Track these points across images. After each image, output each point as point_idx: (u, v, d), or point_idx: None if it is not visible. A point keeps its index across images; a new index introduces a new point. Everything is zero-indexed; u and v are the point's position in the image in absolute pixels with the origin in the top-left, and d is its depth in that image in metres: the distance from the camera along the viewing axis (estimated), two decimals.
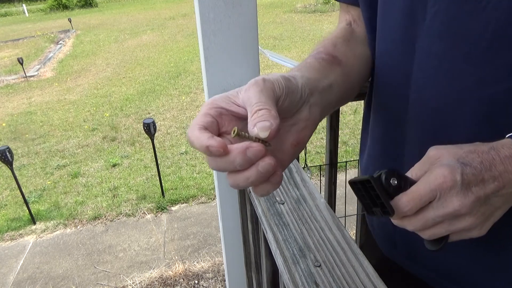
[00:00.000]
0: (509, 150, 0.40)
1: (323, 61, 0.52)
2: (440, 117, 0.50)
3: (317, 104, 0.45)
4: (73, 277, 2.53)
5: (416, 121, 0.53)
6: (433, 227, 0.41)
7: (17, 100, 6.38)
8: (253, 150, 0.35)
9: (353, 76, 0.56)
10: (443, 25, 0.45)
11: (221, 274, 2.42)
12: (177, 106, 5.47)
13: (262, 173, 0.35)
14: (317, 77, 0.48)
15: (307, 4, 13.54)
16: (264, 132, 0.35)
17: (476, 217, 0.40)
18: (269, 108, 0.37)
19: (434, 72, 0.48)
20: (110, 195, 3.47)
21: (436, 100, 0.49)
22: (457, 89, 0.46)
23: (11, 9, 21.27)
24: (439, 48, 0.47)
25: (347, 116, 4.58)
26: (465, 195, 0.39)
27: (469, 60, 0.45)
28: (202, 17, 0.78)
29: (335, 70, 0.52)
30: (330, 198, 1.61)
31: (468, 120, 0.47)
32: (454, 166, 0.39)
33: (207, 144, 0.34)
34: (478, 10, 0.42)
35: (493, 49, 0.43)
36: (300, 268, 0.52)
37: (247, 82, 0.40)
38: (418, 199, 0.39)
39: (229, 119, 0.40)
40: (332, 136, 1.51)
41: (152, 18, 13.81)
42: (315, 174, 3.14)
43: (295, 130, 0.43)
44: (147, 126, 2.95)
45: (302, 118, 0.44)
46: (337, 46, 0.56)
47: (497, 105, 0.44)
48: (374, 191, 0.41)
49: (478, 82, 0.45)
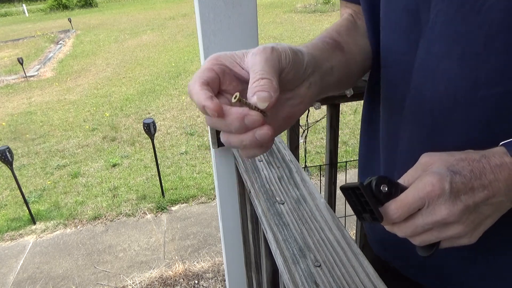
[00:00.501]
0: (500, 159, 0.40)
1: (327, 44, 0.52)
2: (435, 119, 0.50)
3: (316, 83, 0.46)
4: (73, 277, 2.53)
5: (412, 121, 0.53)
6: (423, 234, 0.41)
7: (17, 100, 6.38)
8: (251, 119, 0.35)
9: (353, 64, 0.56)
10: (442, 26, 0.46)
11: (221, 274, 2.42)
12: (177, 106, 5.47)
13: (258, 141, 0.36)
14: (322, 57, 0.48)
15: (307, 4, 13.54)
16: (263, 103, 0.35)
17: (465, 225, 0.40)
18: (271, 78, 0.37)
19: (432, 73, 0.48)
20: (110, 195, 3.47)
21: (431, 101, 0.49)
22: (452, 91, 0.47)
23: (11, 9, 21.27)
24: (438, 49, 0.47)
25: (347, 116, 4.58)
26: (453, 203, 0.39)
27: (463, 63, 0.45)
28: (202, 17, 0.78)
29: (337, 55, 0.52)
30: (330, 198, 1.62)
31: (461, 123, 0.47)
32: (443, 174, 0.39)
33: (204, 103, 0.35)
34: (473, 13, 0.42)
35: (485, 53, 0.43)
36: (300, 268, 0.52)
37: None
38: (406, 206, 0.40)
39: (230, 78, 0.40)
40: (332, 136, 1.51)
41: (152, 18, 13.81)
42: (315, 174, 3.14)
43: (290, 104, 0.44)
44: (147, 126, 2.95)
45: (300, 94, 0.44)
46: (341, 33, 0.57)
47: (490, 109, 0.44)
48: (364, 198, 0.41)
49: (471, 84, 0.45)
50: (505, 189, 0.40)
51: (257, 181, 0.73)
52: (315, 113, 2.86)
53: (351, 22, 0.61)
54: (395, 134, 0.57)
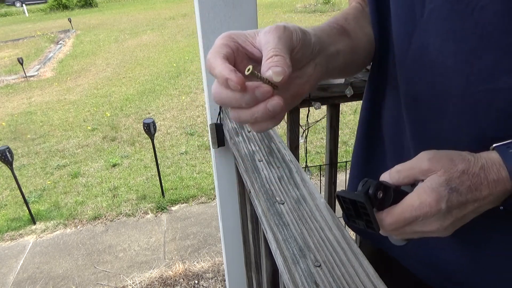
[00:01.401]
0: (497, 174, 0.41)
1: (334, 29, 0.53)
2: (427, 112, 0.51)
3: (322, 65, 0.47)
4: (73, 277, 2.53)
5: (410, 114, 0.54)
6: (407, 235, 0.44)
7: (17, 100, 6.38)
8: (262, 90, 0.36)
9: (359, 50, 0.57)
10: (437, 22, 0.46)
11: (221, 274, 2.42)
12: (177, 106, 5.47)
13: (270, 111, 0.37)
14: (328, 40, 0.49)
15: (307, 4, 13.54)
16: (278, 77, 0.36)
17: (448, 230, 0.43)
18: (284, 55, 0.38)
19: (425, 67, 0.49)
20: (110, 195, 3.47)
21: (427, 94, 0.50)
22: (448, 85, 0.47)
23: (11, 9, 21.27)
24: (433, 45, 0.48)
25: (347, 116, 4.58)
26: (445, 218, 0.41)
27: (458, 58, 0.46)
28: (202, 17, 0.78)
29: (343, 40, 0.53)
30: (330, 198, 1.62)
31: (452, 118, 0.48)
32: (442, 194, 0.40)
33: (228, 76, 0.36)
34: (467, 12, 0.43)
35: (478, 51, 0.44)
36: (300, 268, 0.52)
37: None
38: (402, 222, 0.41)
39: (241, 56, 0.41)
40: (332, 136, 1.51)
41: (152, 18, 13.81)
42: (315, 174, 3.14)
43: (297, 82, 0.45)
44: (147, 126, 2.95)
45: (307, 73, 0.45)
46: (348, 20, 0.58)
47: (480, 106, 0.45)
48: (365, 209, 0.41)
49: (465, 79, 0.46)
50: (494, 199, 0.41)
51: (257, 181, 0.73)
52: (315, 113, 2.86)
53: (359, 10, 0.62)
54: (400, 129, 0.58)
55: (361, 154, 0.71)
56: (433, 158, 0.42)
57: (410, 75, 0.52)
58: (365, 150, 0.69)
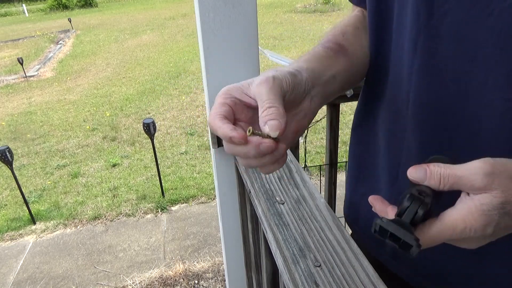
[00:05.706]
0: None
1: (330, 50, 0.55)
2: (439, 119, 0.49)
3: (318, 96, 0.49)
4: (73, 277, 2.53)
5: (418, 121, 0.52)
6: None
7: (17, 100, 6.38)
8: (265, 146, 0.40)
9: (357, 64, 0.58)
10: (450, 26, 0.45)
11: (221, 274, 2.42)
12: (177, 106, 5.47)
13: (275, 156, 0.42)
14: (322, 68, 0.51)
15: (307, 4, 13.53)
16: (275, 132, 0.40)
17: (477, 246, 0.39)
18: (278, 106, 0.41)
19: (437, 72, 0.48)
20: (110, 195, 3.47)
21: (440, 100, 0.49)
22: (464, 91, 0.46)
23: (11, 9, 21.26)
24: (446, 50, 0.46)
25: (347, 116, 4.58)
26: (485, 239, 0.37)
27: (474, 63, 0.44)
28: (202, 17, 0.78)
29: (340, 61, 0.54)
30: (330, 198, 1.61)
31: (466, 125, 0.47)
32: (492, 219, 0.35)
33: (230, 135, 0.40)
34: (484, 16, 0.42)
35: (495, 57, 0.42)
36: (300, 268, 0.52)
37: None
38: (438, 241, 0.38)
39: (241, 107, 0.45)
40: (332, 136, 1.51)
41: (152, 18, 13.81)
42: (315, 174, 3.14)
43: (296, 119, 0.48)
44: (147, 126, 2.95)
45: (304, 108, 0.48)
46: (346, 34, 0.59)
47: (496, 113, 0.44)
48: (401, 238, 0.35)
49: (479, 86, 0.44)
50: None
51: (257, 181, 0.73)
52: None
53: (359, 20, 0.62)
54: (400, 134, 0.56)
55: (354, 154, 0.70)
56: (491, 174, 0.35)
57: (418, 81, 0.50)
58: (362, 148, 0.69)
